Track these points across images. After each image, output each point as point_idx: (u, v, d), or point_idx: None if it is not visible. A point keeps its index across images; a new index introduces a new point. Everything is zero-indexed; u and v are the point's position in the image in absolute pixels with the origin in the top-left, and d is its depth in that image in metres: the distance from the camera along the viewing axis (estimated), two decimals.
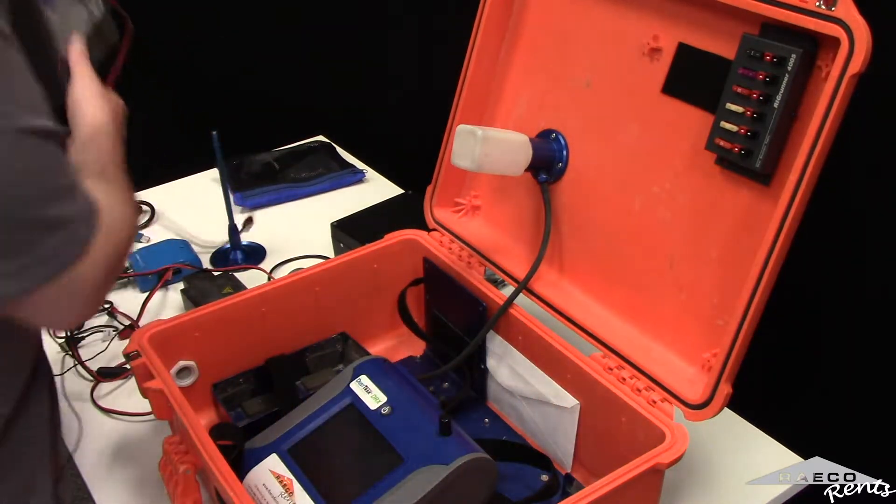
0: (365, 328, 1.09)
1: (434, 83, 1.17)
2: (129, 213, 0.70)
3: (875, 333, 1.03)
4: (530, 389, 0.94)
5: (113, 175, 0.71)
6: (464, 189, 1.09)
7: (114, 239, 0.64)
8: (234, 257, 1.30)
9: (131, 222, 0.71)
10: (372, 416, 0.85)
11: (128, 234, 0.69)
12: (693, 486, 0.91)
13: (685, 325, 0.85)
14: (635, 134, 0.87)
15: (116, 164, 0.73)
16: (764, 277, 0.73)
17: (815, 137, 0.69)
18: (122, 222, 0.66)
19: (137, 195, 1.46)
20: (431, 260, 1.06)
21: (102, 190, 0.65)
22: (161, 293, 1.23)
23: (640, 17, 0.85)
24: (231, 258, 1.31)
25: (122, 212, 0.67)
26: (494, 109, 1.03)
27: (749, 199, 0.78)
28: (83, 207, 0.61)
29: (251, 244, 1.34)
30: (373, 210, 1.34)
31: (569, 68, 0.94)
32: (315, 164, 1.54)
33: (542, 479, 0.90)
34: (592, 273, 0.95)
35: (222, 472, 0.75)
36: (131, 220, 0.71)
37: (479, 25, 0.99)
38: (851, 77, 0.66)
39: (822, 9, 0.68)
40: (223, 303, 0.97)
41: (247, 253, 1.32)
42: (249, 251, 1.32)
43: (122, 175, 0.73)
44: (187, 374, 0.97)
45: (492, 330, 0.97)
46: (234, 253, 1.31)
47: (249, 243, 1.34)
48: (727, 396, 0.77)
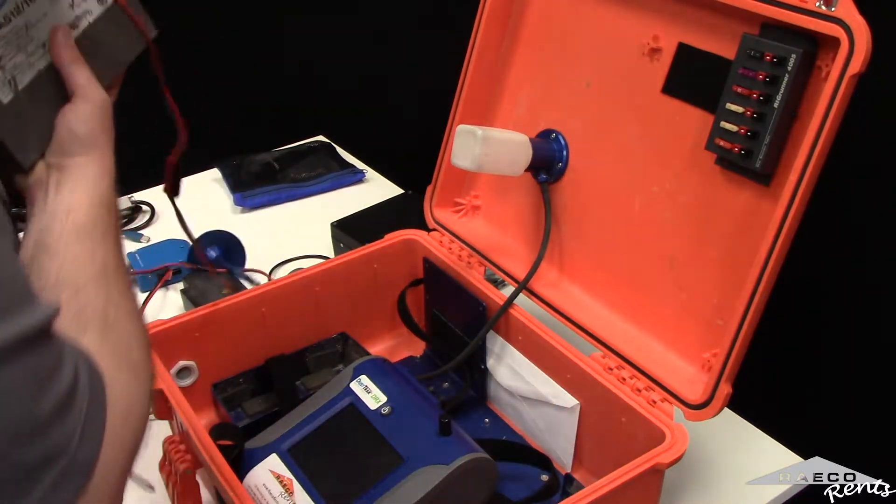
0: (365, 328, 1.09)
1: (434, 83, 1.17)
2: (144, 360, 0.55)
3: (875, 333, 1.03)
4: (530, 389, 0.94)
5: (119, 298, 0.55)
6: (464, 189, 1.09)
7: (131, 426, 0.50)
8: (212, 257, 1.25)
9: (148, 373, 0.55)
10: (372, 416, 0.85)
11: (146, 401, 0.53)
12: (693, 486, 0.91)
13: (685, 325, 0.85)
14: (635, 134, 0.87)
15: (120, 270, 0.57)
16: (764, 277, 0.73)
17: (815, 137, 0.69)
18: (138, 392, 0.52)
19: (137, 195, 1.46)
20: (431, 260, 1.06)
21: (108, 350, 0.51)
22: (161, 293, 1.23)
23: (640, 17, 0.85)
24: (212, 259, 1.25)
25: (135, 380, 0.52)
26: (494, 109, 1.03)
27: (749, 199, 0.78)
28: (73, 428, 0.44)
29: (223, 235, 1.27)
30: (373, 210, 1.34)
31: (569, 68, 0.94)
32: (315, 164, 1.54)
33: (542, 479, 0.90)
34: (592, 273, 0.95)
35: (222, 472, 0.75)
36: (147, 368, 0.55)
37: (479, 25, 0.99)
38: (851, 77, 0.66)
39: (822, 9, 0.68)
40: (223, 303, 0.97)
41: (225, 250, 1.26)
42: (226, 247, 1.26)
43: (127, 287, 0.57)
44: (187, 374, 0.97)
45: (492, 330, 0.97)
46: (210, 252, 1.25)
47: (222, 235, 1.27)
48: (727, 396, 0.77)
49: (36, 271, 0.53)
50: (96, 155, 0.60)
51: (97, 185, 0.59)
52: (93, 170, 0.59)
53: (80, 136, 0.59)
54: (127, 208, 1.42)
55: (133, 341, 0.55)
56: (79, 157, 0.59)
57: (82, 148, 0.59)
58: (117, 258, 0.58)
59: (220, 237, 1.26)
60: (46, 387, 0.43)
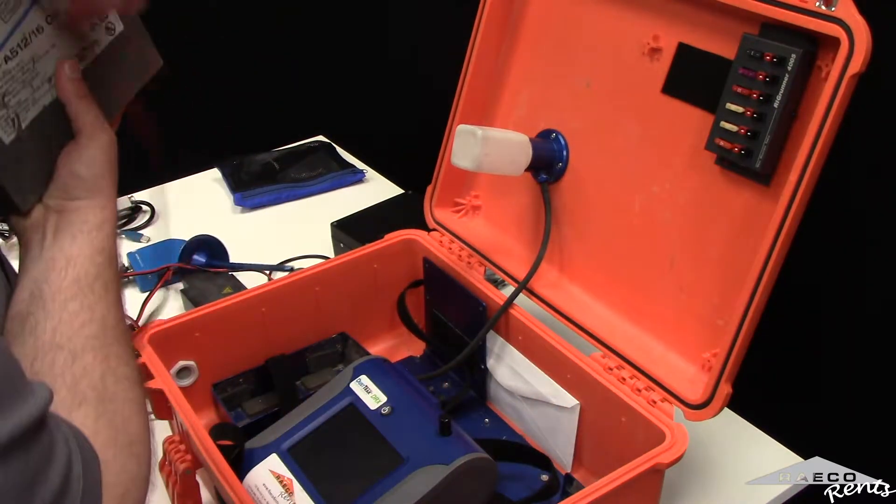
0: (365, 328, 1.09)
1: (434, 83, 1.17)
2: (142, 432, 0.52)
3: (875, 333, 1.03)
4: (530, 389, 0.94)
5: (117, 364, 0.52)
6: (464, 189, 1.09)
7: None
8: (201, 263, 1.24)
9: (146, 448, 0.52)
10: (372, 416, 0.85)
11: (143, 481, 0.50)
12: (693, 486, 0.91)
13: (685, 325, 0.85)
14: (635, 134, 0.87)
15: (120, 328, 0.54)
16: (764, 277, 0.73)
17: (815, 137, 0.69)
18: (135, 471, 0.49)
19: (137, 195, 1.47)
20: (431, 260, 1.06)
21: (104, 425, 0.48)
22: (161, 293, 1.23)
23: (640, 17, 0.85)
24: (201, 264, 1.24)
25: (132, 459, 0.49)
26: (494, 109, 1.03)
27: (749, 199, 0.78)
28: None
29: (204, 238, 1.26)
30: (373, 210, 1.34)
31: (569, 68, 0.94)
32: (315, 164, 1.54)
33: (542, 479, 0.90)
34: (592, 273, 0.95)
35: (222, 472, 0.75)
36: (145, 441, 0.52)
37: (479, 25, 0.99)
38: (851, 77, 0.66)
39: (822, 9, 0.68)
40: (223, 303, 0.97)
41: (209, 252, 1.25)
42: (209, 250, 1.26)
43: (127, 349, 0.54)
44: (187, 374, 0.97)
45: (492, 330, 0.97)
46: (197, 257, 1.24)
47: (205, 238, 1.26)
48: (727, 396, 0.77)
49: (31, 328, 0.51)
50: (99, 200, 0.56)
51: (98, 234, 0.55)
52: (94, 216, 0.55)
53: (84, 179, 0.56)
54: (127, 208, 1.42)
55: (131, 414, 0.52)
56: (80, 201, 0.55)
57: (85, 192, 0.56)
58: (117, 315, 0.55)
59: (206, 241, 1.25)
60: (39, 481, 0.40)
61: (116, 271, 0.56)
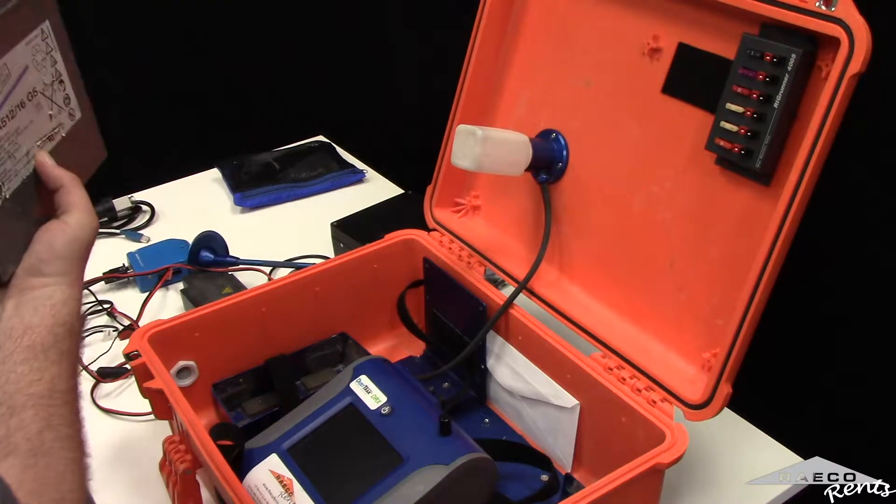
0: (365, 328, 1.09)
1: (434, 83, 1.17)
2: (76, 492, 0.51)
3: (875, 333, 1.03)
4: (530, 389, 0.94)
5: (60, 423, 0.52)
6: (464, 189, 1.09)
7: None
8: (204, 259, 1.25)
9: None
10: (372, 416, 0.85)
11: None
12: (693, 486, 0.91)
13: (685, 325, 0.85)
14: (635, 134, 0.87)
15: (70, 395, 0.54)
16: (764, 277, 0.73)
17: (815, 137, 0.69)
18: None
19: (137, 195, 1.47)
20: (431, 260, 1.06)
21: (32, 478, 0.48)
22: (161, 293, 1.23)
23: (640, 17, 0.85)
24: (209, 261, 1.25)
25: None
26: (494, 109, 1.03)
27: (749, 199, 0.78)
28: None
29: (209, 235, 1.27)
30: (373, 210, 1.34)
31: (569, 68, 0.94)
32: (315, 164, 1.54)
33: (542, 479, 0.90)
34: (592, 273, 0.95)
35: (222, 472, 0.75)
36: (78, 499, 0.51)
37: (479, 25, 0.99)
38: (851, 77, 0.66)
39: (822, 9, 0.68)
40: (223, 303, 0.97)
41: (213, 250, 1.26)
42: (215, 247, 1.26)
43: (73, 414, 0.54)
44: (187, 374, 0.97)
45: (492, 330, 0.97)
46: (201, 256, 1.25)
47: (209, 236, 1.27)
48: (727, 396, 0.77)
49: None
50: (68, 279, 0.56)
51: (62, 309, 0.55)
52: (61, 293, 0.55)
53: (61, 257, 0.56)
54: (127, 208, 1.42)
55: (66, 471, 0.51)
56: (48, 278, 0.55)
57: (56, 270, 0.56)
58: (69, 383, 0.54)
59: (212, 237, 1.26)
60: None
61: (76, 343, 0.56)
